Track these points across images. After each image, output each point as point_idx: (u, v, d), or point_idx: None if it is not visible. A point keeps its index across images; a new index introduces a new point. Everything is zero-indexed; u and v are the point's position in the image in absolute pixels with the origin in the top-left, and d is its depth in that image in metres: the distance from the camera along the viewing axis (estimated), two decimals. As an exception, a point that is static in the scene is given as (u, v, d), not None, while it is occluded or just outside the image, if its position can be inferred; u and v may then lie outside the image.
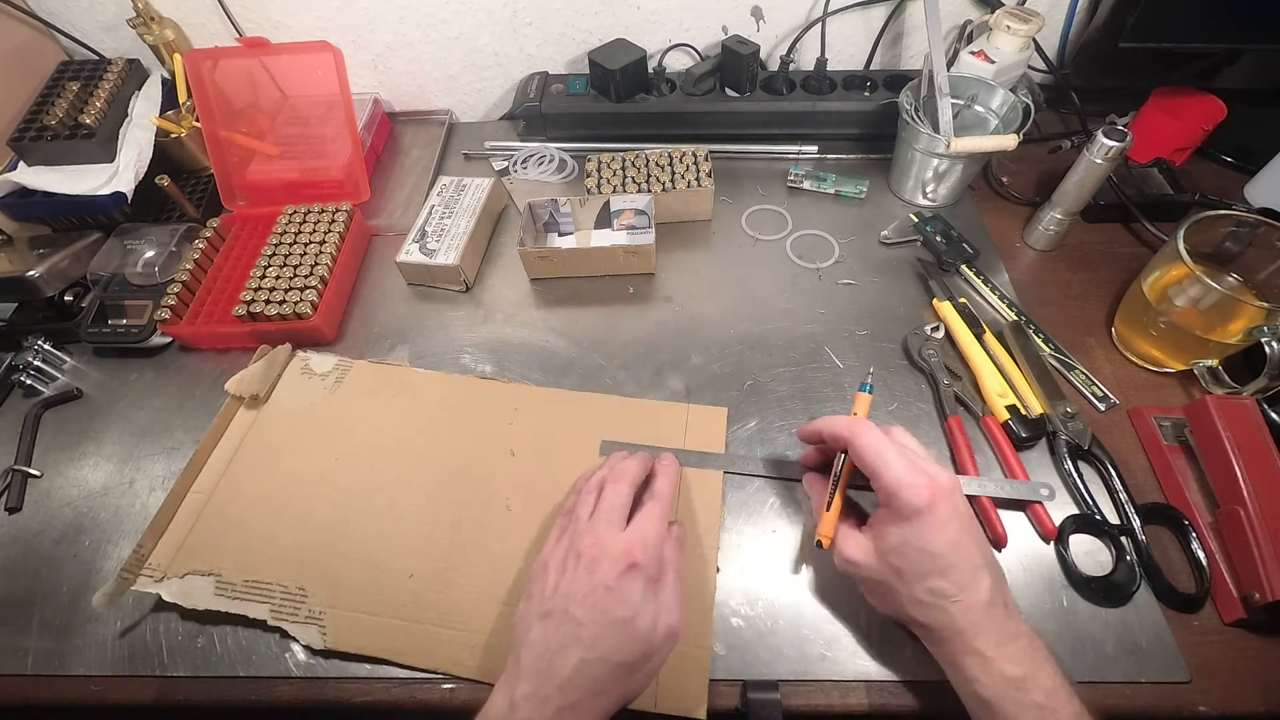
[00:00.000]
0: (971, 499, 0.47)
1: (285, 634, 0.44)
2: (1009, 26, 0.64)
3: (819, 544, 0.41)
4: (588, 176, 0.67)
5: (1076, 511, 0.47)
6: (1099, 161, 0.56)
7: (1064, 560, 0.45)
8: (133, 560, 0.46)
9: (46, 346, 0.60)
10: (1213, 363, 0.51)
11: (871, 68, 0.79)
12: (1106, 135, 0.54)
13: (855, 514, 0.43)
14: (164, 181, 0.66)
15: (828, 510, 0.41)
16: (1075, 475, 0.48)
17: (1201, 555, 0.44)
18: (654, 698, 0.40)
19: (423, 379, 0.57)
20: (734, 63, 0.71)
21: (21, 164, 0.67)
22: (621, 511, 0.40)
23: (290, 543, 0.48)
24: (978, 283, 0.61)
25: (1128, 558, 0.44)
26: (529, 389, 0.56)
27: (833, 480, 0.42)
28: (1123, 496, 0.46)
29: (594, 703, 0.34)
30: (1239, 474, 0.44)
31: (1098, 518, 0.46)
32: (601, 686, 0.34)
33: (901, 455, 0.37)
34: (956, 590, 0.35)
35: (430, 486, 0.50)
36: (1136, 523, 0.45)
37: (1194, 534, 0.45)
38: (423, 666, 0.43)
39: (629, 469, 0.43)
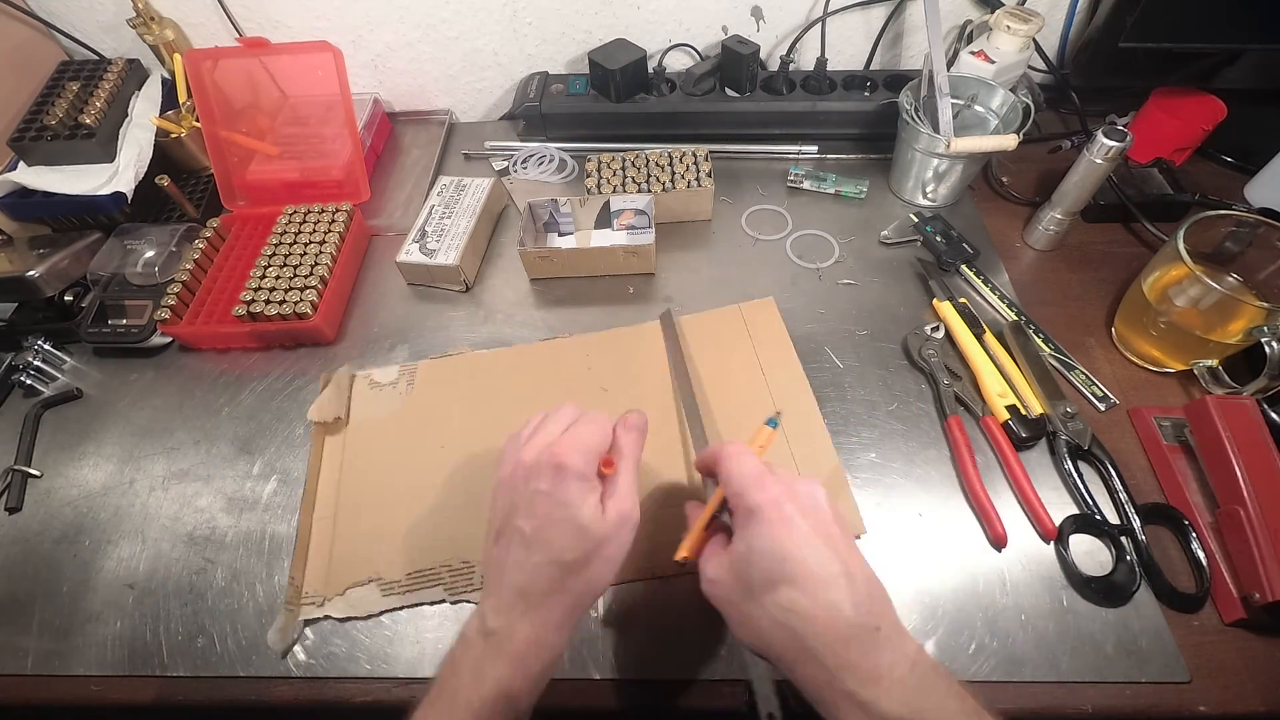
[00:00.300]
0: (970, 498, 0.48)
1: (467, 602, 0.46)
2: (1009, 26, 0.64)
3: (675, 558, 0.38)
4: (588, 176, 0.67)
5: (1076, 511, 0.47)
6: (1099, 161, 0.56)
7: (1064, 560, 0.45)
8: (291, 593, 0.46)
9: (46, 346, 0.60)
10: (1213, 363, 0.51)
11: (871, 68, 0.79)
12: (1106, 135, 0.54)
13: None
14: (164, 181, 0.66)
15: (691, 525, 0.38)
16: (1075, 475, 0.48)
17: (1201, 555, 0.44)
18: None
19: (490, 358, 0.59)
20: (734, 63, 0.71)
21: (21, 164, 0.67)
22: (558, 429, 0.38)
23: (431, 530, 0.49)
24: (978, 283, 0.61)
25: (1128, 558, 0.44)
26: (586, 337, 0.59)
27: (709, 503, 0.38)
28: (1123, 496, 0.46)
29: (555, 601, 0.35)
30: (1239, 474, 0.44)
31: (1098, 518, 0.46)
32: (559, 585, 0.35)
33: (761, 465, 0.34)
34: (809, 602, 0.30)
35: None
36: (1136, 523, 0.45)
37: (1194, 534, 0.45)
38: (617, 580, 0.43)
39: (576, 405, 0.41)
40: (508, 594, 0.35)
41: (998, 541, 0.46)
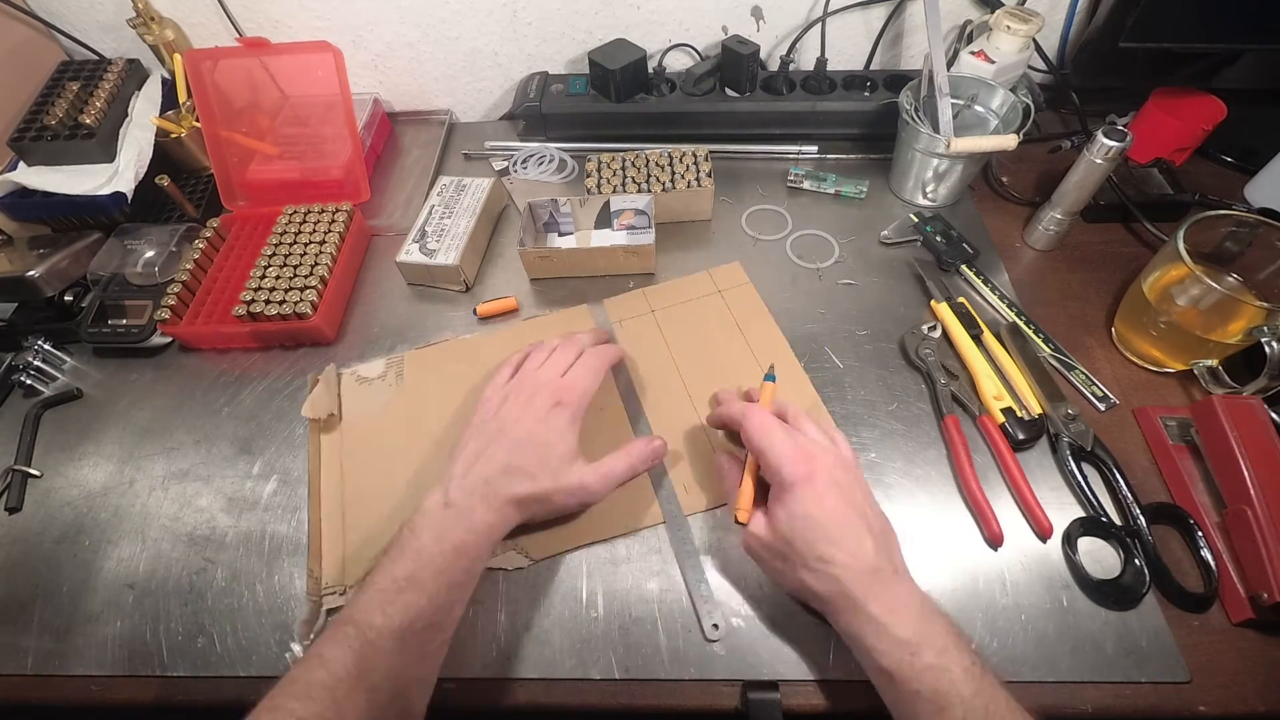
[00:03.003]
0: (966, 498, 0.48)
1: (492, 569, 0.47)
2: (1009, 26, 0.64)
3: (737, 520, 0.43)
4: (588, 176, 0.67)
5: (1081, 513, 0.47)
6: (1099, 161, 0.56)
7: (1072, 563, 0.44)
8: (312, 585, 0.47)
9: (46, 346, 0.60)
10: (1213, 363, 0.51)
11: (871, 68, 0.79)
12: (1106, 135, 0.54)
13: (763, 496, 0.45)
14: (164, 181, 0.66)
15: (740, 488, 0.44)
16: (1079, 477, 0.48)
17: (1209, 555, 0.44)
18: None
19: (470, 343, 0.60)
20: (734, 63, 0.71)
21: (21, 164, 0.67)
22: (564, 365, 0.48)
23: None
24: (978, 283, 0.61)
25: (1136, 560, 0.44)
26: (566, 312, 0.62)
27: (745, 464, 0.45)
28: (1128, 498, 0.46)
29: (514, 503, 0.42)
30: (1246, 474, 0.44)
31: (1104, 519, 0.46)
32: (511, 484, 0.43)
33: (788, 436, 0.41)
34: (841, 556, 0.37)
35: None
36: (1143, 523, 0.45)
37: (1200, 534, 0.45)
38: (620, 532, 0.48)
39: (579, 338, 0.51)
40: (473, 480, 0.42)
41: (994, 540, 0.46)
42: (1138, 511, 0.46)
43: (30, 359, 0.59)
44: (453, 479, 0.43)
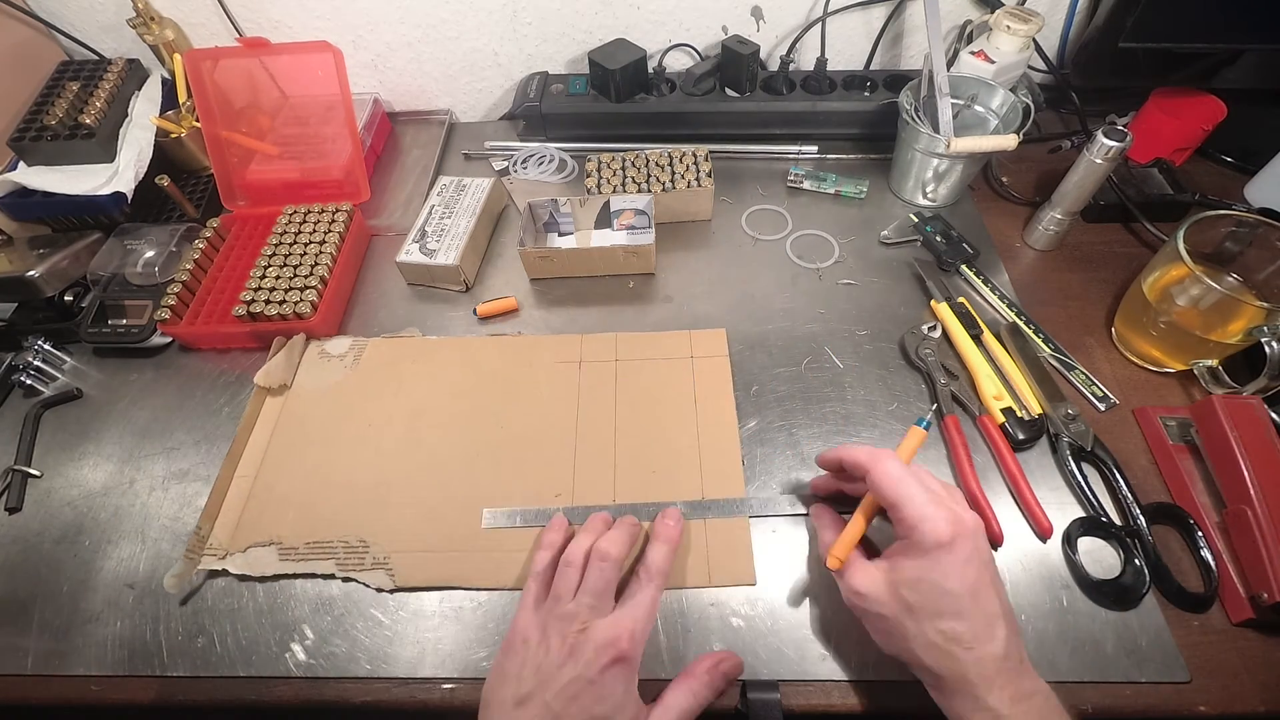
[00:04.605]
0: (968, 498, 0.48)
1: (354, 581, 0.47)
2: (1009, 26, 0.64)
3: (828, 566, 0.40)
4: (588, 176, 0.67)
5: (1081, 514, 0.47)
6: (1099, 161, 0.56)
7: (1072, 563, 0.44)
8: (194, 541, 0.48)
9: (46, 346, 0.60)
10: (1213, 363, 0.51)
11: (871, 68, 0.79)
12: (1106, 135, 0.54)
13: (865, 547, 0.41)
14: (164, 181, 0.66)
15: (842, 533, 0.40)
16: (1079, 477, 0.48)
17: (1209, 555, 0.44)
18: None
19: (436, 345, 0.60)
20: (734, 63, 0.71)
21: (21, 164, 0.67)
22: (608, 593, 0.38)
23: (342, 505, 0.50)
24: (978, 283, 0.61)
25: (1136, 560, 0.44)
26: (534, 338, 0.60)
27: (859, 508, 0.41)
28: (1128, 498, 0.46)
29: None
30: (1246, 474, 0.44)
31: (1104, 519, 0.46)
32: None
33: (925, 488, 0.36)
34: (970, 636, 0.33)
35: (465, 433, 0.54)
36: (1143, 523, 0.45)
37: (1200, 534, 0.45)
38: (490, 586, 0.46)
39: (616, 543, 0.40)
40: None
41: (994, 540, 0.46)
42: (1138, 511, 0.46)
43: (30, 359, 0.59)
44: None
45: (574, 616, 0.37)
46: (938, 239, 0.63)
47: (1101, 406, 0.53)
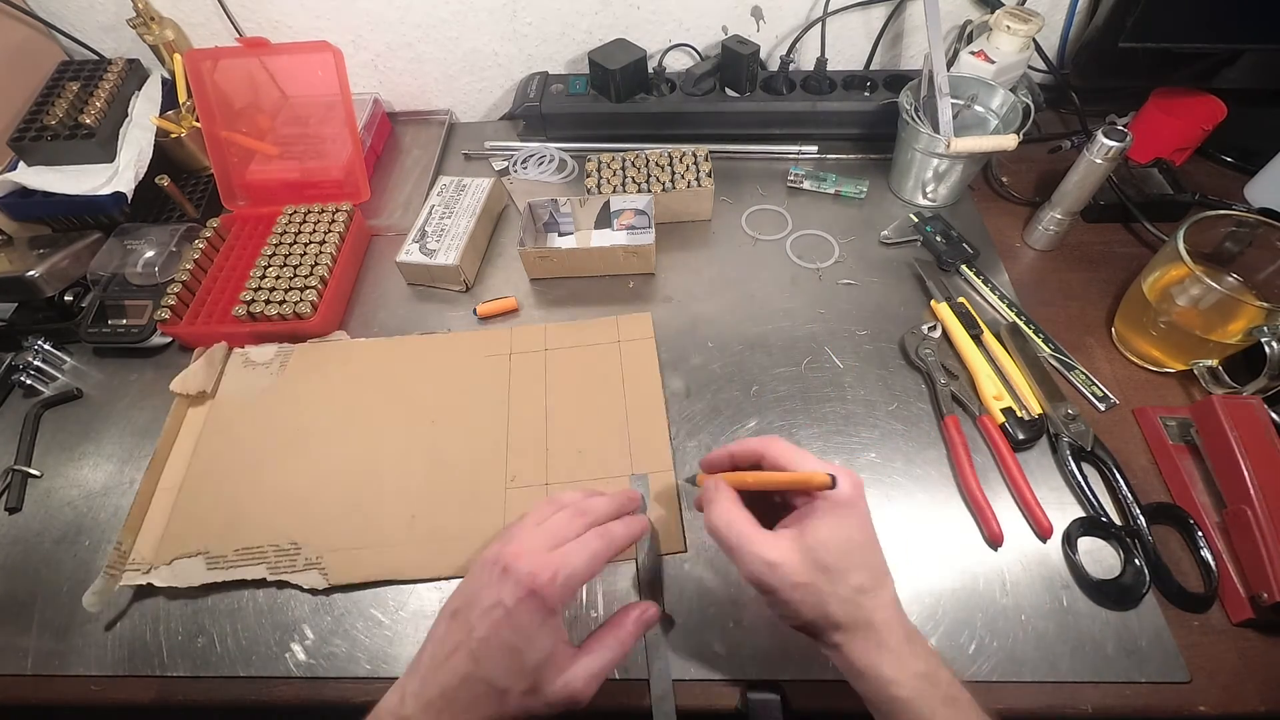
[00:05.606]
0: (968, 498, 0.48)
1: (287, 584, 0.46)
2: (1009, 26, 0.64)
3: (699, 485, 0.39)
4: (588, 176, 0.67)
5: (1081, 513, 0.47)
6: (1099, 161, 0.56)
7: (1072, 563, 0.44)
8: (115, 557, 0.47)
9: (46, 346, 0.60)
10: (1213, 363, 0.51)
11: (871, 68, 0.79)
12: (1106, 135, 0.54)
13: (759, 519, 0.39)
14: (164, 181, 0.66)
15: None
16: (1079, 477, 0.48)
17: (1209, 555, 0.44)
18: None
19: (363, 346, 0.59)
20: (734, 63, 0.71)
21: (21, 164, 0.67)
22: (561, 534, 0.37)
23: (272, 510, 0.50)
24: (978, 283, 0.61)
25: (1136, 560, 0.44)
26: (462, 334, 0.60)
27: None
28: (1128, 498, 0.46)
29: (469, 709, 0.34)
30: (1246, 474, 0.44)
31: (1104, 519, 0.46)
32: (477, 705, 0.34)
33: (821, 462, 0.37)
34: (873, 583, 0.35)
35: (396, 431, 0.54)
36: (1143, 523, 0.45)
37: (1200, 534, 0.45)
38: (427, 577, 0.46)
39: (596, 506, 0.40)
40: (432, 689, 0.34)
41: (994, 540, 0.46)
42: (1138, 511, 0.46)
43: (30, 359, 0.59)
44: (413, 674, 0.35)
45: (519, 541, 0.37)
46: (938, 239, 0.63)
47: (1101, 406, 0.53)
